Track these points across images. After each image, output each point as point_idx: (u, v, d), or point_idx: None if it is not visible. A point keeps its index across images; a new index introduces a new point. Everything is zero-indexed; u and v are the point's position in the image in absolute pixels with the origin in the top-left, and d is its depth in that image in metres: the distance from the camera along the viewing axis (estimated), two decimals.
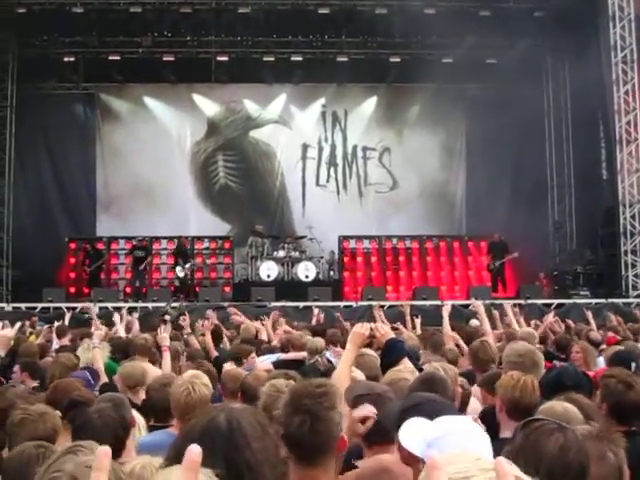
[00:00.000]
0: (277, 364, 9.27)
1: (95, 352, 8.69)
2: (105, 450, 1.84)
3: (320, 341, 10.12)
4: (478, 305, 11.57)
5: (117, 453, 4.57)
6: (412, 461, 3.63)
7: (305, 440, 3.61)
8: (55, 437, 5.12)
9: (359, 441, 4.71)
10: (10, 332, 6.93)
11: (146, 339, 10.06)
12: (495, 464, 1.75)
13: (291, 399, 3.74)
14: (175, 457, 2.58)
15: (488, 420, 5.37)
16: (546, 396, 5.56)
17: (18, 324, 11.53)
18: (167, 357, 8.91)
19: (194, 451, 1.76)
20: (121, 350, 10.24)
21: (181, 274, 26.49)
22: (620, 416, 5.55)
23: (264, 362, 9.62)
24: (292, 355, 9.88)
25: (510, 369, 6.31)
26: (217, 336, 11.97)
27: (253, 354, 9.71)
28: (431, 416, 3.58)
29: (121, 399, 5.29)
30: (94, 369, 8.25)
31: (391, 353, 6.22)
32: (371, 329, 6.20)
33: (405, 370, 5.70)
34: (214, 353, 10.64)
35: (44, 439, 4.88)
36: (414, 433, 3.55)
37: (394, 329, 11.40)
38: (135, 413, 5.50)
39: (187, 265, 26.45)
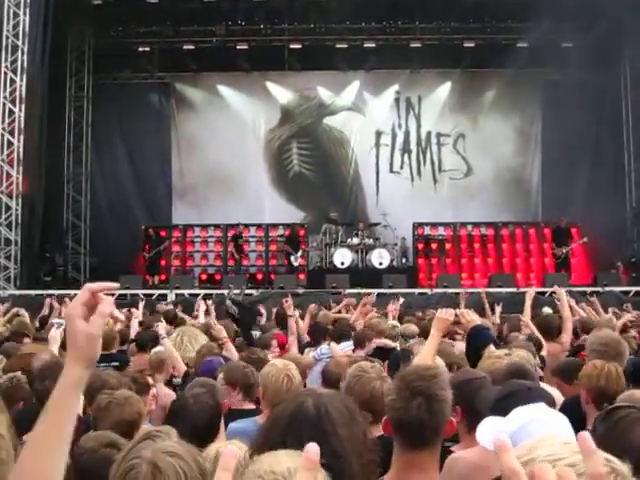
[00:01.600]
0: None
1: (165, 342, 8.68)
2: (232, 451, 1.82)
3: (412, 327, 10.13)
4: (561, 292, 11.43)
5: (211, 438, 4.63)
6: None
7: (424, 422, 3.63)
8: (140, 421, 5.21)
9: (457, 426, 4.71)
10: (59, 334, 7.02)
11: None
12: (579, 439, 1.71)
13: (405, 383, 3.75)
14: (264, 442, 2.59)
15: (570, 411, 5.31)
16: (628, 386, 5.48)
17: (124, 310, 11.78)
18: (231, 348, 8.88)
19: (312, 450, 1.73)
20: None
21: (295, 263, 26.59)
22: None
23: (344, 349, 9.60)
24: (379, 342, 9.75)
25: (594, 357, 6.21)
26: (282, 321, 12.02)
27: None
28: (527, 404, 3.55)
29: (213, 385, 5.33)
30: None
31: (477, 340, 6.19)
32: (456, 315, 6.17)
33: (503, 358, 5.67)
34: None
35: (129, 423, 4.98)
36: (489, 430, 3.53)
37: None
38: None
39: (299, 253, 26.54)
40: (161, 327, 9.32)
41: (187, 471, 2.78)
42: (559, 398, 6.36)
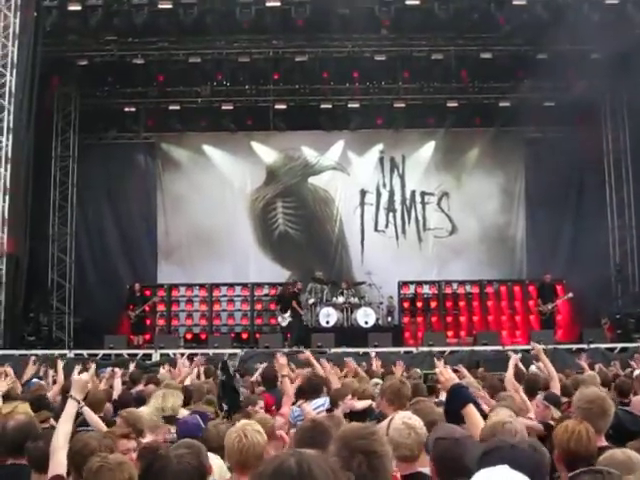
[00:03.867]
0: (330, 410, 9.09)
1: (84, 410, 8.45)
2: None
3: None
4: (538, 349, 11.43)
5: None
6: None
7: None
8: None
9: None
10: (86, 376, 6.93)
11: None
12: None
13: (344, 443, 3.74)
14: None
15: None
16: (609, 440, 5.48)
17: (93, 366, 11.62)
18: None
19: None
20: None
21: (284, 323, 26.51)
22: None
23: (317, 409, 9.48)
24: (355, 403, 9.66)
25: (580, 415, 6.21)
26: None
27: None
28: (510, 462, 3.53)
29: (199, 446, 5.27)
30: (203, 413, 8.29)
31: (456, 399, 6.13)
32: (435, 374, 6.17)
33: (506, 415, 5.64)
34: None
35: None
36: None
37: (455, 371, 11.27)
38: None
39: (287, 314, 26.46)
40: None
41: None
42: None
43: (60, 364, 13.67)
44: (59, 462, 5.64)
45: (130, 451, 6.64)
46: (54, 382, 13.74)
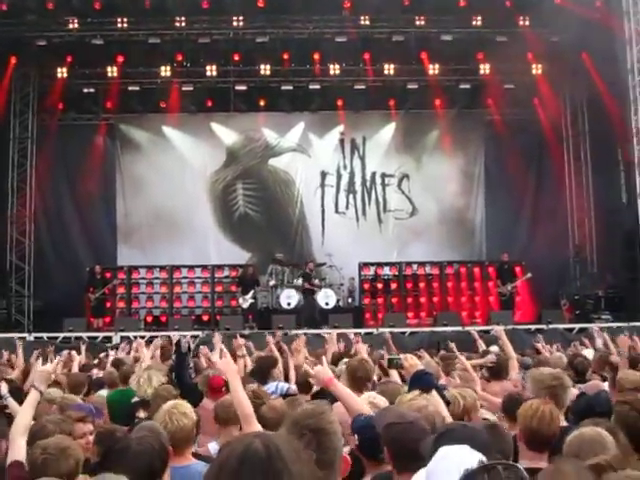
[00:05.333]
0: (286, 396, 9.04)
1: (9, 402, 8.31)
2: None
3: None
4: (500, 331, 11.54)
5: None
6: None
7: (316, 459, 3.58)
8: (78, 470, 5.13)
9: (390, 466, 4.71)
10: (50, 367, 6.89)
11: None
12: None
13: (293, 423, 3.75)
14: None
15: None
16: (576, 422, 5.52)
17: (58, 358, 11.51)
18: None
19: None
20: None
21: (245, 305, 26.51)
22: (636, 443, 5.36)
23: (271, 394, 9.43)
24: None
25: (547, 393, 6.25)
26: None
27: None
28: (463, 442, 3.57)
29: (158, 430, 5.26)
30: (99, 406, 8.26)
31: (418, 385, 6.14)
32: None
33: (421, 398, 5.63)
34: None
35: (67, 475, 4.90)
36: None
37: (417, 356, 11.32)
38: None
39: (248, 296, 26.45)
40: (3, 387, 8.35)
41: None
42: None
43: (20, 348, 13.59)
44: (19, 449, 5.62)
45: (86, 434, 6.63)
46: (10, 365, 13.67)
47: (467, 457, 3.29)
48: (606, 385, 9.02)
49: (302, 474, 2.66)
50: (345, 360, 10.83)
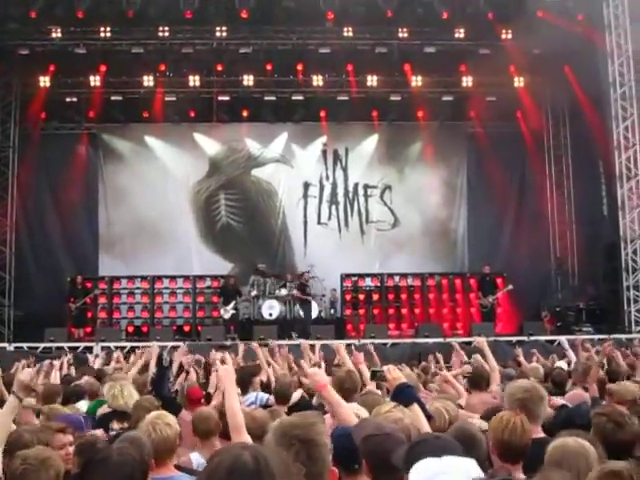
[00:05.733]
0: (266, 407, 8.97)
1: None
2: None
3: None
4: (482, 342, 11.53)
5: None
6: None
7: (305, 472, 3.58)
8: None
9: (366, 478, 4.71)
10: (27, 374, 6.82)
11: None
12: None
13: (282, 433, 3.73)
14: None
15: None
16: (557, 434, 5.52)
17: (38, 365, 11.43)
18: None
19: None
20: None
21: (226, 316, 26.45)
22: (611, 454, 5.32)
23: (250, 405, 9.42)
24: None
25: (517, 405, 6.26)
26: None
27: None
28: (437, 453, 3.57)
29: (143, 441, 5.23)
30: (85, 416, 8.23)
31: (401, 398, 6.13)
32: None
33: (397, 410, 5.62)
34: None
35: None
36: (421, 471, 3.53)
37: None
38: None
39: (229, 306, 26.41)
40: None
41: None
42: None
43: None
44: None
45: (66, 445, 6.57)
46: None
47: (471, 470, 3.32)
48: (588, 396, 9.04)
49: None
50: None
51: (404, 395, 6.10)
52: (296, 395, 9.80)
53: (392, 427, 4.92)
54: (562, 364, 13.53)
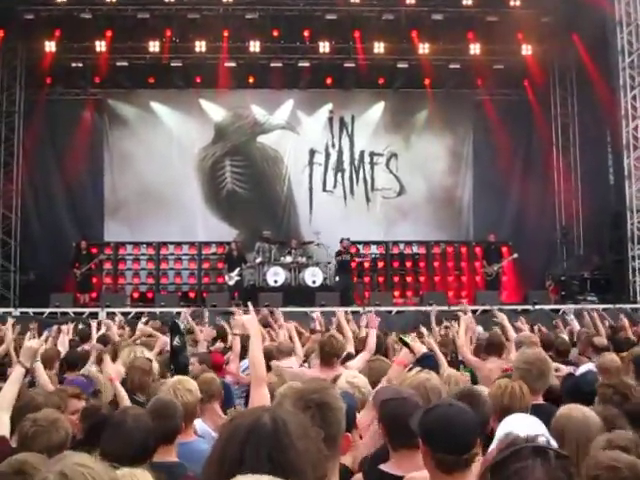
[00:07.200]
0: None
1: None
2: None
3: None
4: (502, 316, 11.56)
5: (142, 460, 4.59)
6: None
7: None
8: (67, 442, 5.12)
9: (386, 443, 4.79)
10: (36, 343, 6.83)
11: None
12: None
13: (299, 397, 3.77)
14: (222, 456, 2.59)
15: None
16: (563, 402, 5.57)
17: (45, 333, 11.46)
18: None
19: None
20: None
21: (231, 282, 26.50)
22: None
23: (245, 370, 9.49)
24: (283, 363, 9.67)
25: (517, 375, 6.34)
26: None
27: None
28: (451, 418, 3.62)
29: (171, 411, 5.29)
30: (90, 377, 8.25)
31: (425, 364, 6.31)
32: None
33: (424, 372, 5.73)
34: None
35: (57, 447, 4.88)
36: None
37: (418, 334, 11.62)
38: None
39: (234, 273, 26.45)
40: None
41: (97, 478, 2.79)
42: None
43: (9, 322, 13.53)
44: (2, 424, 5.59)
45: (79, 411, 6.62)
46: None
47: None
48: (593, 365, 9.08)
49: (308, 451, 2.67)
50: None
51: (428, 362, 6.41)
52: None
53: (409, 392, 5.00)
54: (564, 336, 13.55)
